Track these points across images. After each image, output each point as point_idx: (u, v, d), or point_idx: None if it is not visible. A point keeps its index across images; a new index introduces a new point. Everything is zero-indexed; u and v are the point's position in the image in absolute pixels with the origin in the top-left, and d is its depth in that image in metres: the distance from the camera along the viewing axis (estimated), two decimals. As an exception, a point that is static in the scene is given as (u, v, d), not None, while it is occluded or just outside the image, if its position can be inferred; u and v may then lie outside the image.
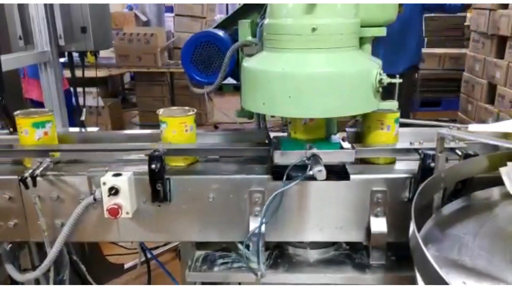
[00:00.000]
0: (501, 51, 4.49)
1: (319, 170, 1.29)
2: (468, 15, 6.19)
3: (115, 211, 1.42)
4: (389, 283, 1.51)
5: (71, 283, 1.97)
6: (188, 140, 1.59)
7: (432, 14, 6.45)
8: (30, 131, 1.59)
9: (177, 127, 1.57)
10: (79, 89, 2.84)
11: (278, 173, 1.45)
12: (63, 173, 1.52)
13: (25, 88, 4.32)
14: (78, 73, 2.76)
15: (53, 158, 1.54)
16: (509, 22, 4.21)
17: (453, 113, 5.60)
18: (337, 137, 1.56)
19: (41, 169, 1.48)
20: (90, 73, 3.70)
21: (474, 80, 5.07)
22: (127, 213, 1.45)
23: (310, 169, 1.32)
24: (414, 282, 1.03)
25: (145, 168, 1.46)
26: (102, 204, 1.45)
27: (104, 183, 1.43)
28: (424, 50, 6.28)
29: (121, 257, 3.13)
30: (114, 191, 1.42)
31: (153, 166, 1.42)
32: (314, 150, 1.39)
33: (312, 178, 1.33)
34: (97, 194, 1.46)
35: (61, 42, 2.29)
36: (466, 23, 6.39)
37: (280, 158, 1.43)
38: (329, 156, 1.42)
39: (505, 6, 4.39)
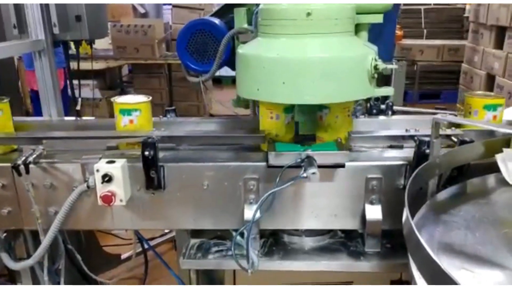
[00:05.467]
0: (500, 42, 4.48)
1: (313, 173, 1.30)
2: (468, 6, 6.16)
3: (108, 198, 1.41)
4: (384, 270, 1.50)
5: (66, 272, 1.97)
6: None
7: (430, 6, 6.44)
8: None
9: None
10: (75, 81, 2.84)
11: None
12: (56, 160, 1.51)
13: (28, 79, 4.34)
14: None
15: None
16: (508, 13, 4.18)
17: (453, 105, 5.58)
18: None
19: (34, 156, 1.47)
20: (87, 65, 3.68)
21: (473, 71, 5.05)
22: (121, 200, 1.44)
23: (304, 171, 1.32)
24: (409, 270, 1.03)
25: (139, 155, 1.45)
26: (95, 192, 1.44)
27: (97, 170, 1.42)
28: (423, 42, 6.28)
29: (118, 247, 3.12)
30: (107, 178, 1.41)
31: (146, 153, 1.41)
32: (309, 152, 1.39)
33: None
34: (90, 182, 1.45)
35: (56, 31, 2.27)
36: (465, 15, 6.36)
37: (274, 159, 1.42)
38: (324, 158, 1.41)
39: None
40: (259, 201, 1.40)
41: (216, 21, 1.92)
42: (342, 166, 1.44)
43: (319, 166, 1.34)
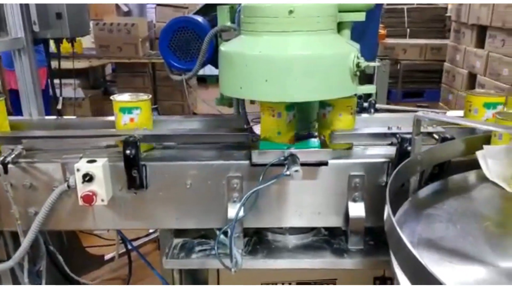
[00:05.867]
0: (481, 41, 4.54)
1: (295, 171, 1.30)
2: (450, 6, 6.24)
3: (89, 198, 1.39)
4: (367, 267, 1.51)
5: (48, 274, 1.93)
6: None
7: (413, 5, 6.51)
8: None
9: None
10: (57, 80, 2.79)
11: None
12: (36, 160, 1.49)
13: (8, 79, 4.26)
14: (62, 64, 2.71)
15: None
16: (489, 12, 4.24)
17: (436, 104, 5.65)
18: (315, 136, 1.55)
19: (12, 156, 1.44)
20: (69, 64, 3.62)
21: (455, 70, 5.12)
22: (102, 200, 1.42)
23: (287, 169, 1.31)
24: (391, 266, 1.03)
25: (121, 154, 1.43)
26: (76, 192, 1.42)
27: (78, 170, 1.40)
28: (406, 41, 6.34)
29: (101, 248, 3.08)
30: (88, 178, 1.39)
31: (127, 152, 1.40)
32: (292, 150, 1.39)
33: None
34: (71, 181, 1.43)
35: (36, 29, 2.23)
36: (447, 14, 6.43)
37: (258, 157, 1.41)
38: (307, 155, 1.41)
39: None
40: (242, 199, 1.39)
41: (199, 19, 1.90)
42: (325, 164, 1.45)
43: (303, 164, 1.34)
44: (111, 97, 1.57)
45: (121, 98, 1.57)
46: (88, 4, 2.70)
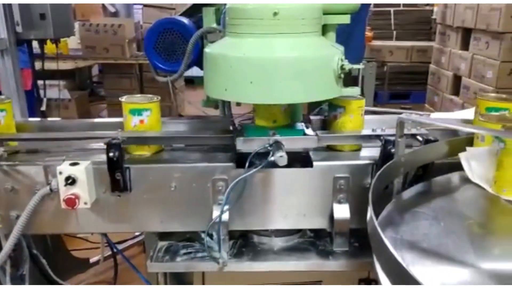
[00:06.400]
0: (466, 43, 4.59)
1: (280, 156, 1.29)
2: (435, 8, 6.30)
3: (72, 202, 1.38)
4: (352, 269, 1.52)
5: (31, 278, 1.90)
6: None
7: (400, 8, 6.57)
8: None
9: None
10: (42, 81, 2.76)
11: (241, 159, 1.43)
12: (18, 162, 1.47)
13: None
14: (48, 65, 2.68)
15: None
16: (473, 14, 4.29)
17: (422, 106, 5.70)
18: (301, 124, 1.55)
19: (-7, 158, 1.42)
20: (55, 65, 3.59)
21: (440, 72, 5.17)
22: (85, 203, 1.41)
23: (272, 155, 1.31)
24: (373, 268, 1.03)
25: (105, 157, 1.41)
26: (59, 195, 1.40)
27: (60, 173, 1.38)
28: (392, 43, 6.39)
29: (87, 251, 3.05)
30: (70, 181, 1.37)
31: (111, 154, 1.38)
32: (277, 137, 1.38)
33: (274, 164, 1.32)
34: (53, 184, 1.41)
35: (19, 29, 2.20)
36: (433, 17, 6.50)
37: (242, 144, 1.41)
38: (292, 143, 1.41)
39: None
40: (228, 187, 1.39)
41: (185, 20, 1.90)
42: (310, 166, 1.45)
43: (289, 153, 1.33)
44: (120, 99, 1.55)
45: (131, 99, 1.55)
46: (73, 5, 2.67)
